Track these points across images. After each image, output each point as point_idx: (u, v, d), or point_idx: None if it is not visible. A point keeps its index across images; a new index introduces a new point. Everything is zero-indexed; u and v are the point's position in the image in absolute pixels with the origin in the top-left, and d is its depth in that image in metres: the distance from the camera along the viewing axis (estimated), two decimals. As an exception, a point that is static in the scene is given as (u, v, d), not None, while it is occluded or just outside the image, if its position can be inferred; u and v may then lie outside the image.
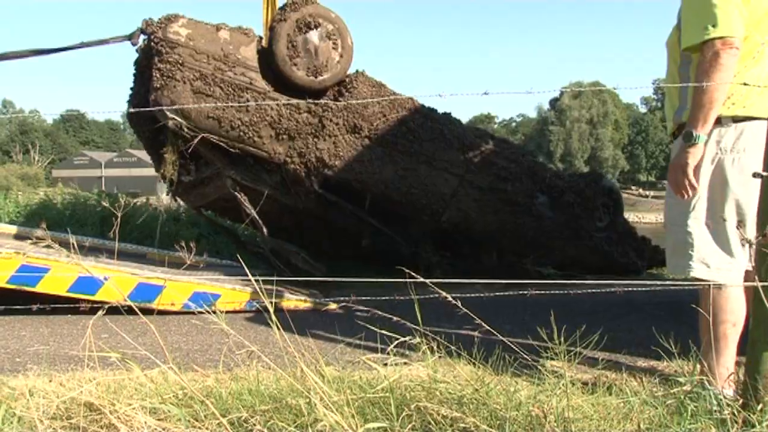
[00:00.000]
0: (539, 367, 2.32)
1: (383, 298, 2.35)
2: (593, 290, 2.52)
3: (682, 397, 1.96)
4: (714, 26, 2.24)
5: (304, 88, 4.86)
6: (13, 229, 5.66)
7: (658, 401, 1.95)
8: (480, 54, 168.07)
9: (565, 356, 2.08)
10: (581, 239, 5.98)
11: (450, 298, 1.99)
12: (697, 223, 2.41)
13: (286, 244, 5.40)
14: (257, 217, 5.06)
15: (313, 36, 4.88)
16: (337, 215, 5.48)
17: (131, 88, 5.23)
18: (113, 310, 2.13)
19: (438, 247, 5.83)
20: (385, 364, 2.02)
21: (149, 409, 1.75)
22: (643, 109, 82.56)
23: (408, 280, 2.04)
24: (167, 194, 5.70)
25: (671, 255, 2.56)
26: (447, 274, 5.42)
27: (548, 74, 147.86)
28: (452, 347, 2.21)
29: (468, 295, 2.15)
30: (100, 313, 1.90)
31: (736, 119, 2.37)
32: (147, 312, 2.02)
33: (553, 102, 71.06)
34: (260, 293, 1.94)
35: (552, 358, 2.17)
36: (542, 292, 2.85)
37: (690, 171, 2.32)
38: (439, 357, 2.11)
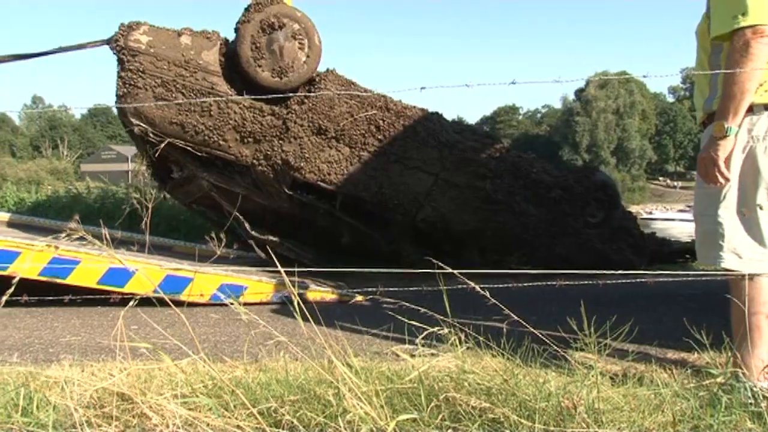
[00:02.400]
0: (568, 358, 2.30)
1: (410, 288, 2.35)
2: (622, 281, 2.49)
3: (716, 389, 1.93)
4: (744, 15, 2.18)
5: (270, 90, 4.79)
6: (5, 216, 5.81)
7: (691, 393, 1.92)
8: (504, 45, 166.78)
9: (595, 347, 2.06)
10: (569, 236, 5.81)
11: (479, 289, 1.98)
12: (728, 212, 2.36)
13: (270, 235, 5.39)
14: (239, 215, 5.07)
15: (278, 36, 4.86)
16: (313, 214, 5.45)
17: None
18: (141, 302, 2.16)
19: (418, 245, 5.68)
20: (413, 355, 2.02)
21: (180, 399, 1.77)
22: (670, 99, 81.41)
23: (436, 271, 2.04)
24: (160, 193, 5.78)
25: (701, 245, 2.51)
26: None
27: (574, 64, 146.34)
28: (480, 338, 2.19)
29: (496, 285, 2.14)
30: (132, 303, 1.93)
31: None
32: (175, 304, 2.04)
33: (579, 92, 70.36)
34: (287, 285, 1.94)
35: (581, 349, 2.15)
36: (570, 282, 2.82)
37: (721, 163, 2.27)
38: (467, 348, 2.10)
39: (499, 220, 5.59)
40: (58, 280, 4.04)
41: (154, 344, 1.94)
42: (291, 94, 4.88)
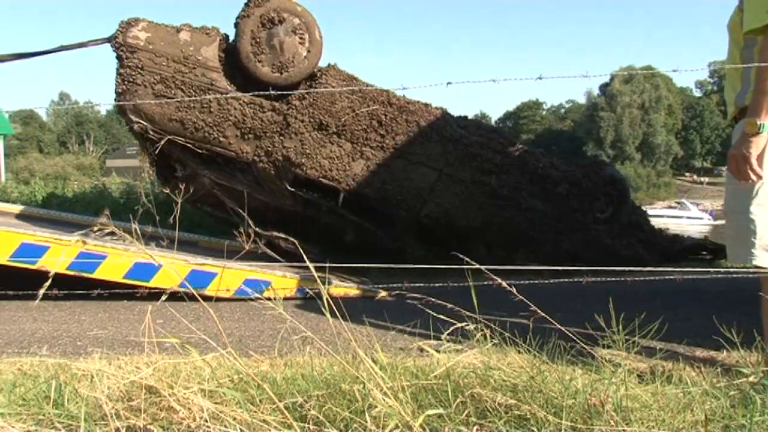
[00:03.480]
0: (595, 355, 2.28)
1: (435, 284, 2.34)
2: (649, 278, 2.46)
3: (748, 388, 1.90)
4: None
5: (270, 85, 4.68)
6: (16, 208, 5.88)
7: (721, 392, 1.89)
8: (524, 41, 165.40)
9: (622, 345, 2.04)
10: (576, 232, 5.74)
11: (505, 285, 1.96)
12: (760, 209, 2.33)
13: (274, 232, 5.38)
14: (243, 213, 5.07)
15: (278, 31, 4.82)
16: (316, 212, 5.42)
17: None
18: (167, 297, 2.18)
19: (423, 241, 5.63)
20: (438, 351, 2.01)
21: (207, 393, 1.78)
22: (697, 93, 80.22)
23: (462, 266, 2.03)
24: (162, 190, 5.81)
25: (732, 243, 2.48)
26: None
27: (598, 59, 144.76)
28: (506, 334, 2.18)
29: (522, 282, 2.12)
30: (163, 297, 1.95)
31: None
32: (202, 298, 2.05)
33: (603, 87, 69.67)
34: (316, 279, 1.95)
35: (608, 347, 2.13)
36: (596, 279, 2.80)
37: (753, 161, 2.23)
38: (493, 344, 2.08)
39: (505, 216, 5.54)
40: (86, 275, 4.10)
41: (180, 338, 1.95)
42: (292, 91, 4.86)
